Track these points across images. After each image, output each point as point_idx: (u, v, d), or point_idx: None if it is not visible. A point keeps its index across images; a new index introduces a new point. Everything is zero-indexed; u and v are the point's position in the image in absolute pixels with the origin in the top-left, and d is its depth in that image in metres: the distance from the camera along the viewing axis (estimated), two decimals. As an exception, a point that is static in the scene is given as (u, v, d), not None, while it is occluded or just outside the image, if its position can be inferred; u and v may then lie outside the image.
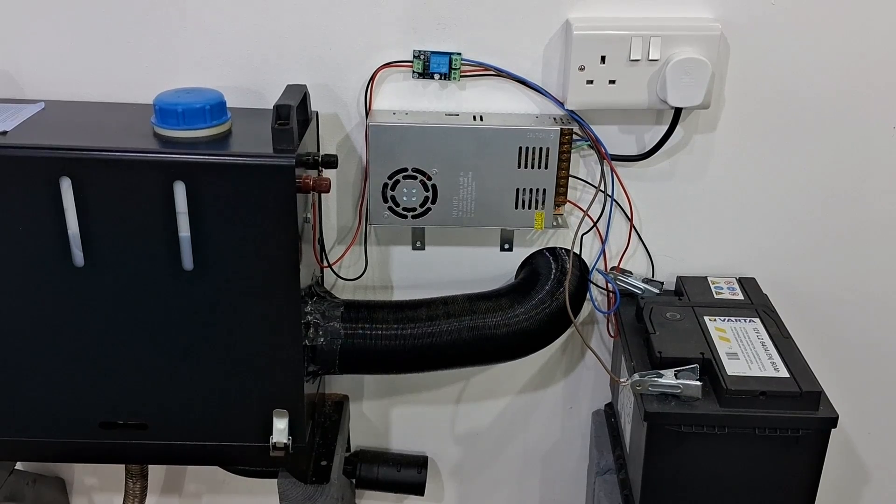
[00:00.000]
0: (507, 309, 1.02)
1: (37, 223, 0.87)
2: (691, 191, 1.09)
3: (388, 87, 1.03)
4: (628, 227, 1.10)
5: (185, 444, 0.98)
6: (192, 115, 0.89)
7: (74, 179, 0.85)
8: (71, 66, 1.01)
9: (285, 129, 0.86)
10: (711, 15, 1.00)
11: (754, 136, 1.06)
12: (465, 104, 1.04)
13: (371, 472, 1.19)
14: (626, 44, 0.97)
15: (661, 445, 0.91)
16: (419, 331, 1.00)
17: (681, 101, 0.98)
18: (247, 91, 1.02)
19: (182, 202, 0.87)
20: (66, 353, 0.93)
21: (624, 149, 1.06)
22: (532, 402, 1.23)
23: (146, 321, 0.92)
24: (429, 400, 1.23)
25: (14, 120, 0.92)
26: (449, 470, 1.29)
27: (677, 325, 1.00)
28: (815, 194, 1.09)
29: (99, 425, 0.97)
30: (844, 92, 1.04)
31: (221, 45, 1.00)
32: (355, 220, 1.10)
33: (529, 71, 1.02)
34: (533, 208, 1.03)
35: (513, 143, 0.99)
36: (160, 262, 0.89)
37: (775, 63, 1.02)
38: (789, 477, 0.92)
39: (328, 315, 0.99)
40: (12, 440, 0.98)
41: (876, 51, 1.02)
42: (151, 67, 1.01)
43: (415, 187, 1.01)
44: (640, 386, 0.91)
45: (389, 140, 0.98)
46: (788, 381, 0.90)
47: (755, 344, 0.97)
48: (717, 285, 1.10)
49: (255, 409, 0.96)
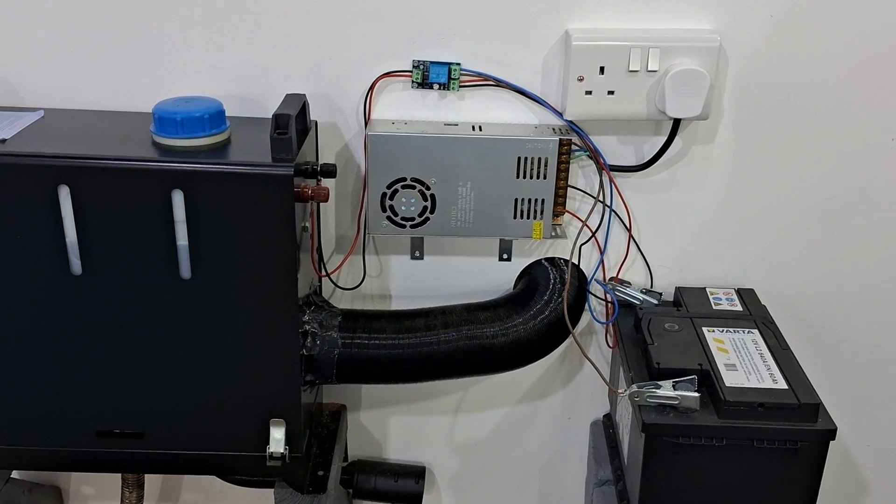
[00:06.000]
0: (506, 319, 1.02)
1: (35, 231, 0.87)
2: (690, 201, 1.09)
3: (387, 97, 1.03)
4: (627, 238, 1.10)
5: (182, 454, 0.98)
6: (191, 123, 0.89)
7: (73, 187, 0.85)
8: (70, 74, 1.01)
9: (284, 139, 0.86)
10: (710, 26, 1.00)
11: (753, 146, 1.06)
12: (464, 114, 1.04)
13: (368, 483, 1.19)
14: (625, 55, 0.97)
15: (659, 457, 0.91)
16: (417, 340, 1.00)
17: (679, 111, 0.98)
18: (246, 100, 1.02)
19: (180, 211, 0.87)
20: (62, 361, 0.93)
21: (623, 159, 1.06)
22: (530, 413, 1.23)
23: (144, 330, 0.92)
24: (427, 410, 1.22)
25: (13, 128, 0.92)
26: (447, 480, 1.28)
27: (676, 336, 1.00)
28: (814, 205, 1.09)
29: (95, 434, 0.97)
30: (842, 103, 1.04)
31: (221, 54, 1.01)
32: (354, 229, 1.09)
33: (528, 81, 1.02)
34: (531, 218, 1.03)
35: (511, 153, 0.99)
36: (158, 271, 0.89)
37: (774, 74, 1.02)
38: (788, 489, 0.92)
39: (326, 324, 0.99)
40: (8, 448, 0.98)
41: (874, 62, 1.02)
42: (150, 76, 1.01)
43: (413, 197, 1.01)
44: (639, 397, 0.91)
45: (388, 150, 0.98)
46: (787, 393, 0.90)
47: (753, 355, 0.96)
48: (716, 296, 1.10)
49: (252, 418, 0.96)
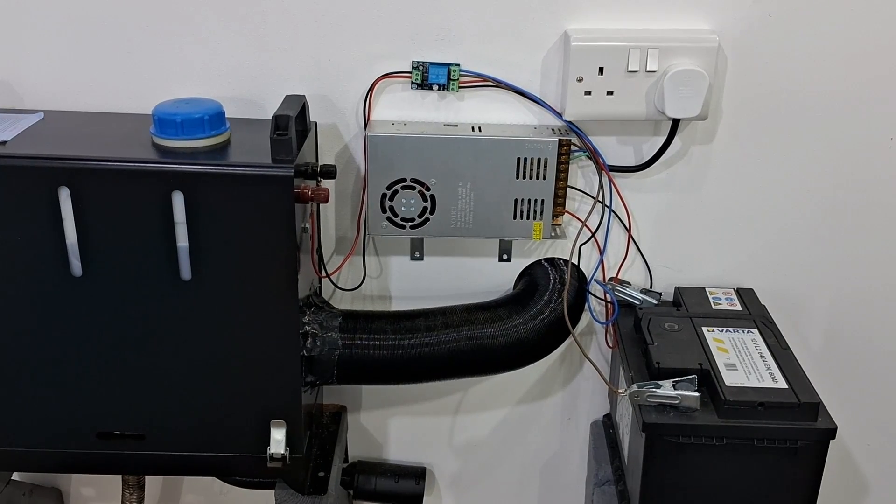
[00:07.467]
0: (506, 319, 1.02)
1: (35, 233, 0.87)
2: (689, 201, 1.09)
3: (386, 98, 1.03)
4: (626, 238, 1.10)
5: (183, 455, 0.98)
6: (191, 125, 0.89)
7: (73, 189, 0.85)
8: (70, 76, 1.01)
9: (284, 140, 0.86)
10: (709, 27, 1.00)
11: (752, 146, 1.06)
12: (464, 115, 1.04)
13: (369, 483, 1.19)
14: (624, 55, 0.97)
15: (659, 456, 0.91)
16: (417, 341, 1.00)
17: (678, 112, 0.98)
18: (246, 101, 1.02)
19: (180, 212, 0.87)
20: (63, 362, 0.93)
21: (622, 159, 1.06)
22: (530, 413, 1.23)
23: (144, 331, 0.92)
24: (427, 411, 1.23)
25: (13, 130, 0.92)
26: (447, 481, 1.28)
27: (675, 335, 1.00)
28: (813, 205, 1.09)
29: (96, 436, 0.97)
30: (842, 103, 1.04)
31: (220, 56, 1.01)
32: (354, 230, 1.10)
33: (528, 82, 1.02)
34: (531, 219, 1.03)
35: (511, 153, 0.99)
36: (158, 272, 0.89)
37: (772, 74, 1.03)
38: (788, 488, 0.92)
39: (326, 325, 0.99)
40: (8, 450, 0.98)
41: (873, 61, 1.02)
42: (150, 78, 1.01)
43: (413, 198, 1.01)
44: (639, 397, 0.91)
45: (388, 150, 0.98)
46: (787, 392, 0.90)
47: (753, 355, 0.97)
48: (716, 296, 1.10)
49: (252, 419, 0.96)
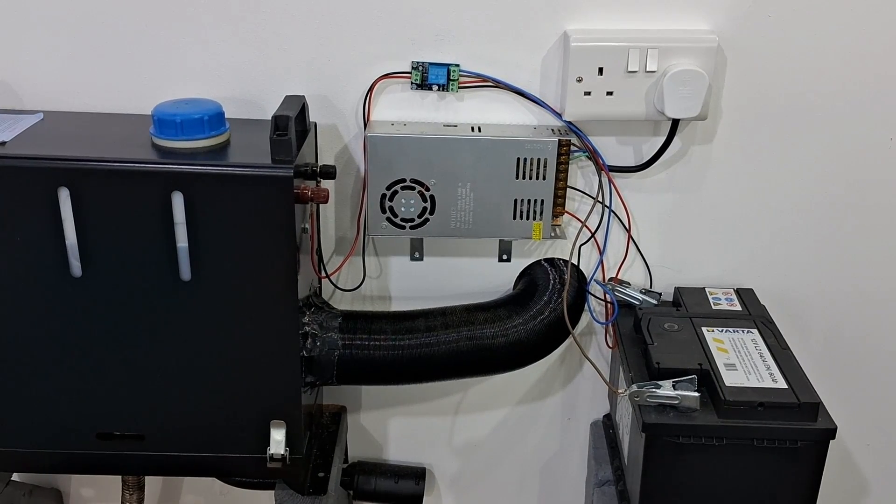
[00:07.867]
0: (506, 319, 1.02)
1: (35, 233, 0.87)
2: (689, 202, 1.09)
3: (386, 98, 1.03)
4: (626, 238, 1.10)
5: (182, 455, 0.98)
6: (191, 125, 0.89)
7: (73, 190, 0.85)
8: (70, 76, 1.01)
9: (283, 140, 0.86)
10: (708, 27, 1.00)
11: (751, 147, 1.06)
12: (464, 115, 1.04)
13: (368, 484, 1.19)
14: (624, 55, 0.97)
15: (659, 457, 0.91)
16: (417, 341, 1.00)
17: (678, 112, 0.98)
18: (245, 102, 1.02)
19: (180, 212, 0.87)
20: (63, 363, 0.93)
21: (622, 160, 1.06)
22: (530, 414, 1.23)
23: (144, 331, 0.92)
24: (427, 411, 1.22)
25: (13, 130, 0.92)
26: (447, 481, 1.28)
27: (675, 335, 1.00)
28: (813, 205, 1.09)
29: (96, 436, 0.97)
30: (841, 103, 1.04)
31: (220, 56, 1.01)
32: (353, 230, 1.10)
33: (527, 82, 1.02)
34: (531, 219, 1.03)
35: (511, 154, 0.99)
36: (158, 273, 0.89)
37: (772, 74, 1.03)
38: (788, 488, 0.92)
39: (326, 326, 0.99)
40: (8, 451, 0.98)
41: (872, 62, 1.02)
42: (150, 78, 1.01)
43: (413, 198, 1.01)
44: (639, 397, 0.91)
45: (388, 151, 0.98)
46: (787, 393, 0.90)
47: (753, 355, 0.97)
48: (715, 296, 1.10)
49: (252, 419, 0.96)
